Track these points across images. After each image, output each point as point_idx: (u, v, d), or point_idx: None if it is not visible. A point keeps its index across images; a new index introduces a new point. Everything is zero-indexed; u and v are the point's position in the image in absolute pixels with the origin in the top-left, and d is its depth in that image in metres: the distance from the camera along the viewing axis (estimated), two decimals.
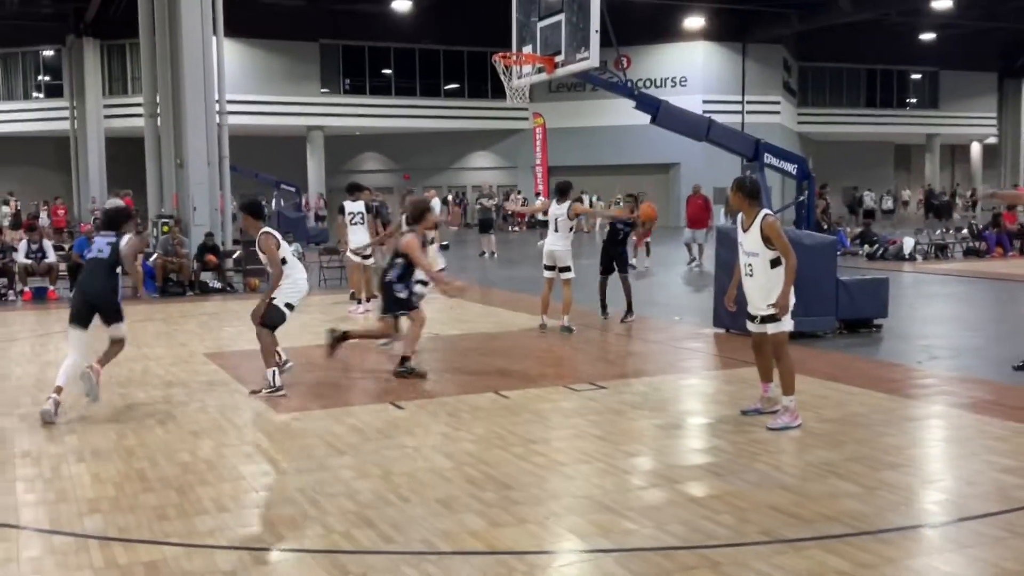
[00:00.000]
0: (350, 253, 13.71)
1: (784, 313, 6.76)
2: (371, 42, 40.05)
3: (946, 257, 22.56)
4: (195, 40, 18.18)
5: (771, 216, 6.84)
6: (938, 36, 44.85)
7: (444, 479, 5.73)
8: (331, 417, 7.35)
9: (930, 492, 5.53)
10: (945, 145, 52.48)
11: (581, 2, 9.98)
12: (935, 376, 8.82)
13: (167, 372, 9.37)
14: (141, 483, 5.73)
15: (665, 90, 38.88)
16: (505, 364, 9.53)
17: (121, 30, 34.24)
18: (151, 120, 19.61)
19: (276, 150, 40.22)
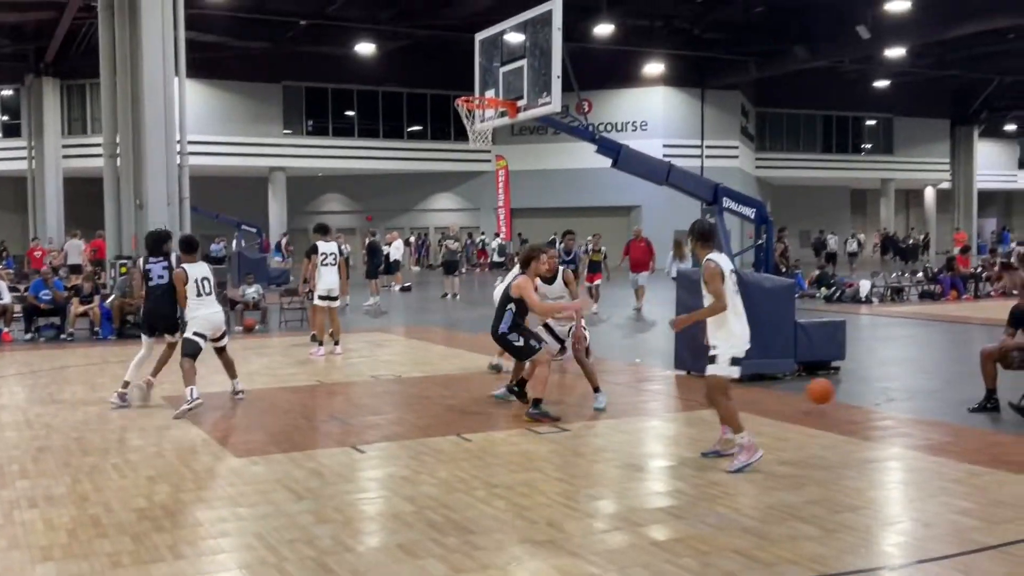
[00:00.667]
0: (318, 298, 13.55)
1: (678, 327, 7.58)
2: (334, 84, 40.19)
3: (902, 300, 22.91)
4: (156, 81, 18.11)
5: (712, 261, 6.90)
6: (892, 83, 45.95)
7: (405, 524, 5.68)
8: (291, 461, 7.26)
9: (889, 534, 5.58)
10: (900, 189, 53.55)
11: (543, 48, 10.11)
12: (893, 418, 8.92)
13: (123, 416, 9.22)
14: (95, 529, 5.62)
15: (626, 134, 39.39)
16: (468, 407, 9.50)
17: (82, 70, 34.11)
18: (111, 160, 19.45)
19: (238, 191, 40.07)
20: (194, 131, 22.08)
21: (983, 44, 37.58)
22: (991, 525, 5.53)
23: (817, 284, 23.51)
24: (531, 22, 10.38)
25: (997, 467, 6.86)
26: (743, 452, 6.82)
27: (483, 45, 11.36)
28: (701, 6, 34.15)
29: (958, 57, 40.51)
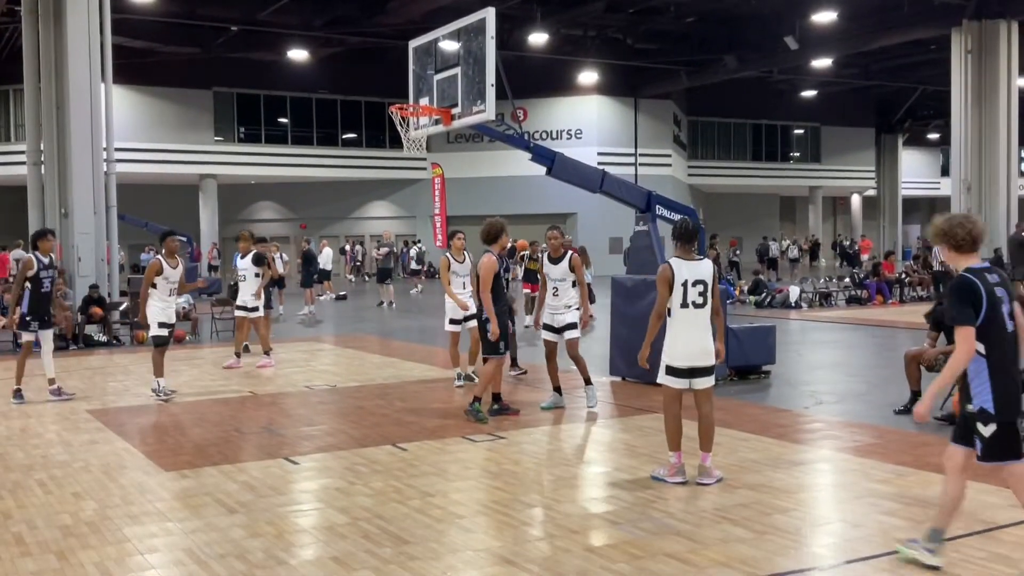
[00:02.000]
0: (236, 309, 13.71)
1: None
2: (266, 90, 39.70)
3: (830, 305, 23.38)
4: (82, 86, 17.72)
5: (662, 265, 6.82)
6: (819, 93, 47.00)
7: (339, 535, 5.62)
8: (222, 474, 7.14)
9: (819, 535, 5.68)
10: (827, 197, 54.74)
11: (477, 56, 10.12)
12: (821, 421, 9.10)
13: (47, 430, 8.98)
14: (18, 547, 5.46)
15: (561, 142, 39.61)
16: (403, 416, 9.45)
17: (4, 76, 33.17)
18: (35, 168, 18.95)
19: (167, 199, 39.35)
20: (121, 138, 21.62)
21: (906, 55, 38.67)
22: (917, 525, 5.65)
23: (750, 291, 23.88)
24: (465, 30, 10.39)
25: (922, 468, 7.03)
26: (664, 468, 6.79)
27: (417, 53, 11.34)
28: (634, 16, 34.51)
29: (882, 67, 41.62)
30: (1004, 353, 4.72)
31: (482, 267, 8.96)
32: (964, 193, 29.11)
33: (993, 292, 4.72)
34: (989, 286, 4.72)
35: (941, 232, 4.93)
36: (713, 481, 6.63)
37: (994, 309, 4.70)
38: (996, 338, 4.69)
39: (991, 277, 4.79)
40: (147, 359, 14.48)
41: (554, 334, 9.71)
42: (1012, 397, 4.71)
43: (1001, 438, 4.65)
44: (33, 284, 10.34)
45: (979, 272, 4.78)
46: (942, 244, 4.97)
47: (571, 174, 11.40)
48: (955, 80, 29.26)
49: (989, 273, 4.81)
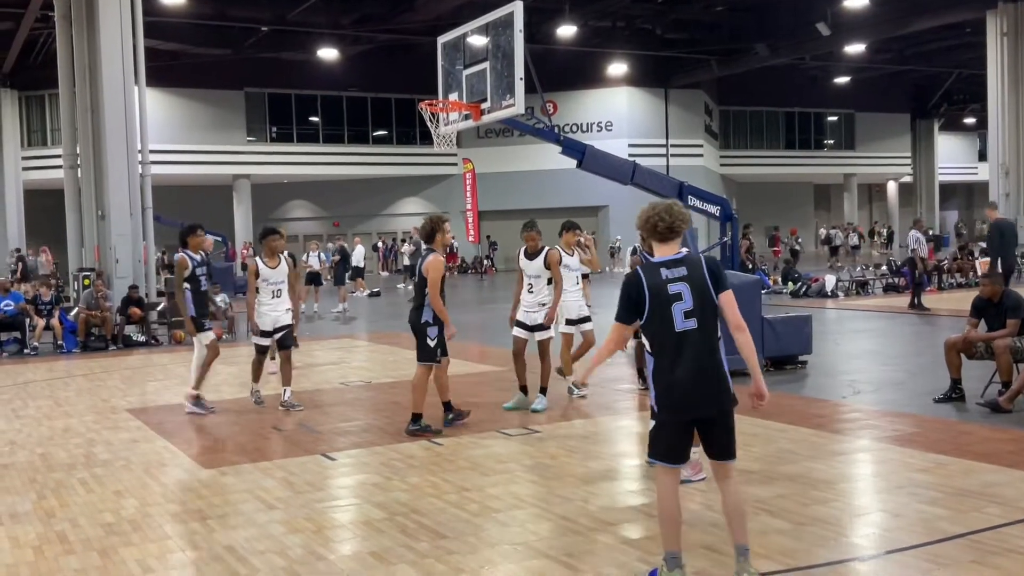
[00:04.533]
0: None
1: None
2: (297, 90, 39.96)
3: (866, 293, 23.14)
4: (116, 90, 17.94)
5: (633, 271, 6.66)
6: (852, 79, 46.48)
7: (377, 530, 5.65)
8: (260, 471, 7.21)
9: (858, 526, 5.62)
10: (862, 184, 54.15)
11: (505, 50, 10.11)
12: (860, 410, 9.00)
13: (89, 430, 9.11)
14: (62, 546, 5.54)
15: (591, 134, 39.51)
16: (437, 411, 9.46)
17: (40, 81, 33.69)
18: (71, 171, 19.23)
19: (202, 199, 39.72)
20: (156, 140, 21.86)
21: (941, 39, 38.14)
22: (958, 514, 5.59)
23: (784, 280, 23.70)
24: (493, 24, 10.38)
25: (963, 456, 6.95)
26: (689, 466, 6.17)
27: (445, 48, 11.34)
28: (663, 6, 34.34)
29: (917, 52, 41.09)
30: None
31: (429, 268, 8.23)
32: (1002, 177, 28.69)
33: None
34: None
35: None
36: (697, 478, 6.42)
37: None
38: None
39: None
40: (185, 359, 14.65)
41: (525, 331, 9.32)
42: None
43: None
44: (192, 283, 9.81)
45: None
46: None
47: (602, 166, 11.36)
48: (991, 63, 28.83)
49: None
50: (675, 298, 4.43)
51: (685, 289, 4.44)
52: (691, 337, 4.43)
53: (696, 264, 4.52)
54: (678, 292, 4.44)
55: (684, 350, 4.43)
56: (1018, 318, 8.88)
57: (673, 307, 4.43)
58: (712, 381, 4.47)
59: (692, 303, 4.43)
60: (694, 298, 4.43)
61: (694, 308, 4.44)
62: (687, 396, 4.45)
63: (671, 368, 4.44)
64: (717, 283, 4.52)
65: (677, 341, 4.43)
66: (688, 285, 4.44)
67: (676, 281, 4.45)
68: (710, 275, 4.52)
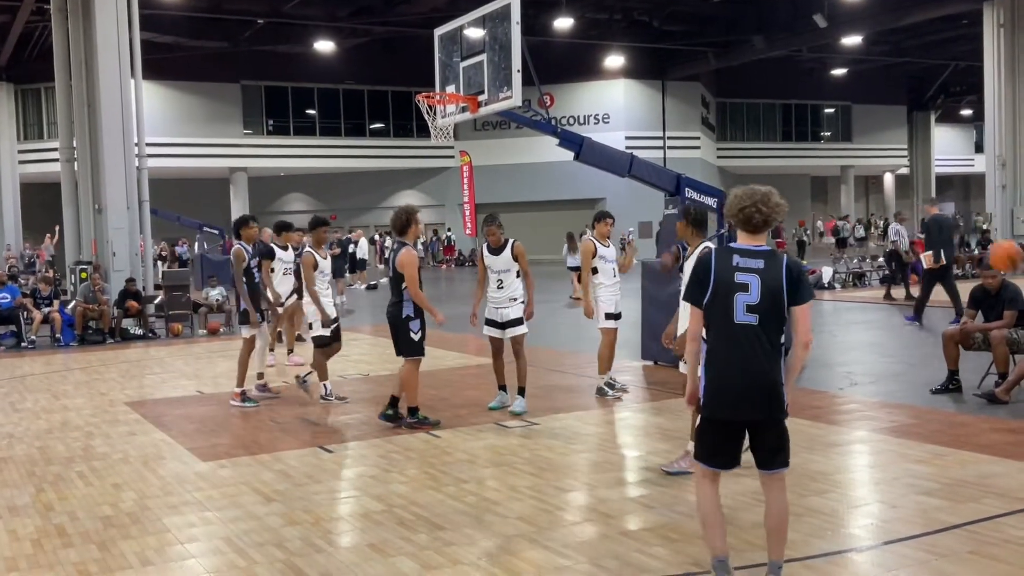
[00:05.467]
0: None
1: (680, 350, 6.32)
2: (294, 82, 39.90)
3: (863, 285, 23.15)
4: (113, 83, 17.91)
5: (706, 249, 6.58)
6: (849, 71, 46.46)
7: (375, 522, 5.66)
8: (259, 463, 7.21)
9: (856, 517, 5.63)
10: (859, 176, 54.16)
11: (502, 42, 10.09)
12: (857, 402, 9.02)
13: (87, 423, 9.11)
14: (61, 539, 5.54)
15: (588, 127, 39.49)
16: (436, 403, 9.47)
17: (36, 74, 33.61)
18: (68, 165, 19.19)
19: (199, 193, 39.70)
20: (152, 133, 21.85)
21: (938, 31, 38.10)
22: (955, 504, 5.61)
23: None
24: (490, 16, 10.35)
25: (960, 447, 6.97)
26: (685, 459, 6.38)
27: (442, 40, 11.32)
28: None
29: (913, 44, 41.05)
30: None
31: (404, 263, 8.01)
32: (999, 169, 28.69)
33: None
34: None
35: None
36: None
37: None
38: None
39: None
40: (183, 352, 14.68)
41: (498, 330, 8.89)
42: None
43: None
44: (248, 276, 9.73)
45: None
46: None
47: (599, 159, 11.35)
48: (988, 55, 28.79)
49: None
50: (740, 288, 4.14)
51: (755, 282, 4.13)
52: (748, 333, 4.14)
53: (777, 262, 4.18)
54: (745, 283, 4.14)
55: (739, 346, 4.16)
56: (1015, 309, 8.91)
57: (736, 297, 4.15)
58: (762, 385, 4.15)
59: (758, 298, 4.13)
60: (762, 294, 4.12)
61: (759, 304, 4.13)
62: (732, 395, 4.18)
63: (721, 362, 4.20)
64: (796, 290, 4.17)
65: (733, 334, 4.16)
66: (759, 279, 4.13)
67: (747, 271, 4.16)
68: (789, 278, 4.16)
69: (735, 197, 4.29)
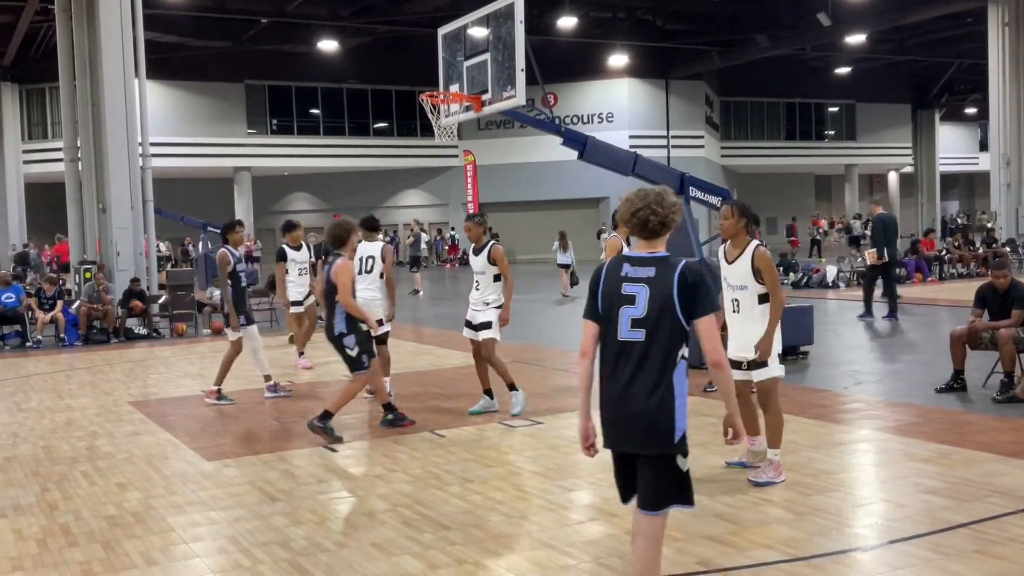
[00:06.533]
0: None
1: (768, 356, 6.16)
2: (297, 82, 39.90)
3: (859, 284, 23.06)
4: (116, 83, 17.93)
5: (763, 247, 6.25)
6: (853, 70, 46.38)
7: (379, 522, 5.66)
8: (263, 463, 7.21)
9: (860, 516, 5.62)
10: (863, 175, 54.07)
11: (506, 41, 10.09)
12: (862, 401, 9.01)
13: (91, 422, 9.12)
14: (65, 538, 5.55)
15: (592, 126, 39.47)
16: (440, 403, 9.48)
17: (40, 74, 33.65)
18: (72, 165, 19.23)
19: (203, 192, 39.72)
20: (156, 133, 21.85)
21: (942, 29, 38.05)
22: (960, 503, 5.60)
23: (784, 270, 23.67)
24: (493, 16, 10.35)
25: (965, 446, 6.95)
26: (772, 468, 6.17)
27: (446, 40, 11.32)
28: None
29: (918, 42, 41.00)
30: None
31: (339, 272, 7.75)
32: (1003, 167, 28.65)
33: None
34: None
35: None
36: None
37: None
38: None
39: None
40: (187, 351, 14.70)
41: (473, 332, 8.76)
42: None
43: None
44: (233, 280, 9.75)
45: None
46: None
47: (603, 157, 11.34)
48: (992, 53, 28.78)
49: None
50: (627, 300, 3.68)
51: (643, 292, 3.66)
52: (634, 351, 3.65)
53: (669, 268, 3.69)
54: (632, 294, 3.68)
55: (621, 365, 3.67)
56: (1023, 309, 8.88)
57: (622, 310, 3.68)
58: (640, 412, 3.64)
59: (644, 311, 3.64)
60: (649, 307, 3.63)
61: (645, 318, 3.64)
62: (611, 421, 3.75)
63: (606, 383, 3.75)
64: (692, 300, 3.65)
65: (617, 352, 3.69)
66: (648, 289, 3.66)
67: (635, 281, 3.69)
68: (681, 286, 3.64)
69: (627, 201, 3.88)
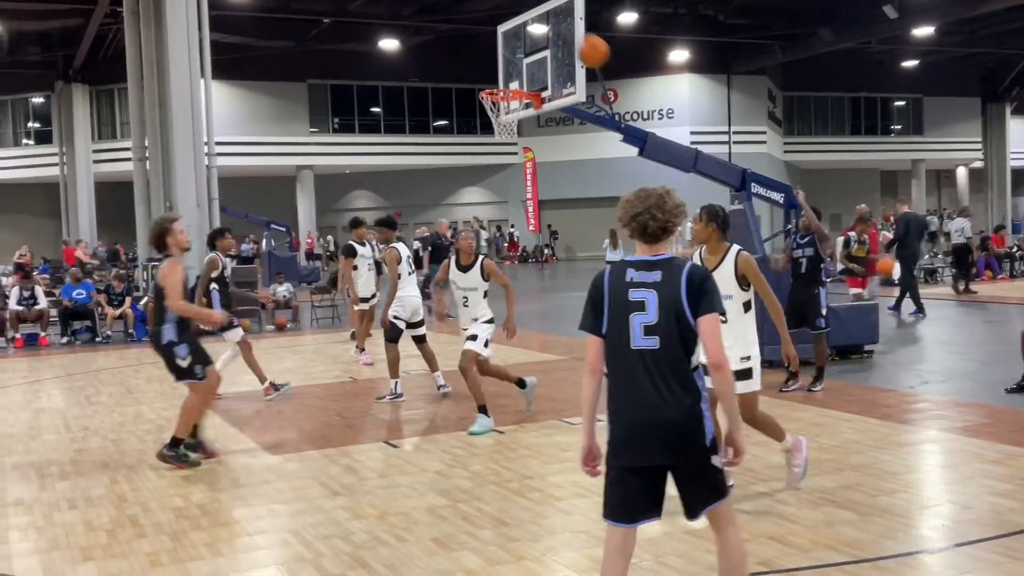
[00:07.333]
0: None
1: (796, 364, 6.08)
2: (359, 81, 40.32)
3: (935, 281, 22.62)
4: (183, 83, 18.27)
5: (745, 251, 5.92)
6: (920, 63, 45.38)
7: (440, 517, 5.70)
8: (325, 458, 7.31)
9: (927, 518, 5.52)
10: (931, 170, 52.90)
11: (566, 38, 10.07)
12: (928, 400, 8.83)
13: (159, 416, 9.32)
14: (134, 529, 5.68)
15: (652, 122, 39.23)
16: (500, 400, 9.50)
17: (109, 75, 34.45)
18: (140, 164, 19.66)
19: (266, 190, 40.33)
20: (221, 132, 22.24)
21: (1013, 20, 36.99)
22: None
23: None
24: (553, 12, 10.34)
25: None
26: (796, 454, 5.95)
27: (506, 37, 11.34)
28: None
29: (988, 34, 39.91)
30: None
31: (165, 274, 7.16)
32: None
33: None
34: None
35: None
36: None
37: None
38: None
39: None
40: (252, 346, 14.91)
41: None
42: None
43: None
44: (220, 284, 9.93)
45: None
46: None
47: (664, 154, 11.28)
48: None
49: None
50: (636, 307, 3.55)
51: (651, 298, 3.54)
52: (649, 360, 3.53)
53: (676, 271, 3.57)
54: (640, 300, 3.55)
55: (639, 375, 3.54)
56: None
57: (632, 318, 3.55)
58: (675, 423, 3.53)
59: (656, 317, 3.53)
60: (660, 312, 3.53)
61: (657, 323, 3.52)
62: (635, 436, 3.58)
63: (620, 397, 3.60)
64: (698, 300, 3.54)
65: (631, 362, 3.55)
66: (656, 294, 3.55)
67: (642, 287, 3.57)
68: (689, 288, 3.54)
69: (627, 203, 3.73)
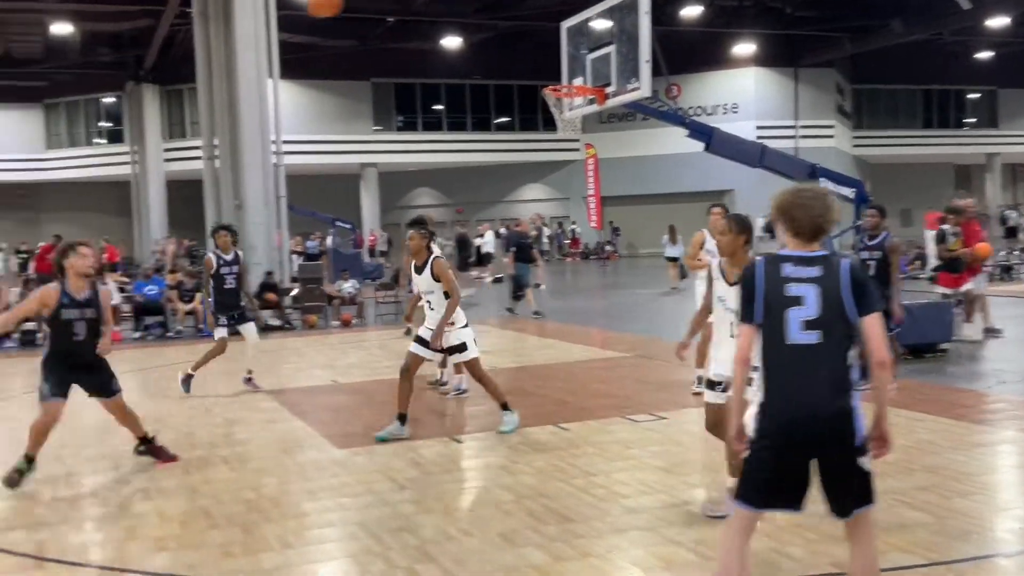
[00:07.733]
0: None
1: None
2: (422, 79, 40.57)
3: (1011, 278, 22.03)
4: (251, 83, 18.57)
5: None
6: (996, 54, 44.18)
7: (505, 513, 5.71)
8: (391, 452, 7.37)
9: (1004, 520, 5.38)
10: (1006, 164, 51.49)
11: (630, 33, 10.03)
12: (1005, 400, 8.60)
13: (228, 410, 9.49)
14: (206, 520, 5.80)
15: (717, 117, 38.74)
16: (563, 396, 9.50)
17: (179, 76, 35.17)
18: (209, 163, 20.04)
19: (331, 188, 40.80)
20: (288, 131, 22.55)
21: None
22: None
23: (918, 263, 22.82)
24: (618, 7, 10.32)
25: None
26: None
27: (570, 33, 11.33)
28: None
29: None
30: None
31: (37, 299, 6.84)
32: None
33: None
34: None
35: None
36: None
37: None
38: None
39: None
40: (318, 342, 15.13)
41: (426, 350, 7.89)
42: None
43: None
44: (215, 281, 10.35)
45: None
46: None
47: (729, 149, 11.18)
48: None
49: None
50: (792, 302, 3.52)
51: (811, 293, 3.52)
52: (808, 355, 3.52)
53: (835, 267, 3.55)
54: (799, 295, 3.52)
55: (795, 370, 3.53)
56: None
57: (788, 312, 3.53)
58: (829, 418, 3.52)
59: (817, 312, 3.50)
60: (821, 307, 3.50)
61: (819, 319, 3.50)
62: (789, 427, 3.55)
63: (776, 389, 3.58)
64: (861, 298, 3.52)
65: (788, 357, 3.54)
66: (818, 289, 3.52)
67: (800, 282, 3.53)
68: (853, 285, 3.52)
69: (803, 207, 3.67)
